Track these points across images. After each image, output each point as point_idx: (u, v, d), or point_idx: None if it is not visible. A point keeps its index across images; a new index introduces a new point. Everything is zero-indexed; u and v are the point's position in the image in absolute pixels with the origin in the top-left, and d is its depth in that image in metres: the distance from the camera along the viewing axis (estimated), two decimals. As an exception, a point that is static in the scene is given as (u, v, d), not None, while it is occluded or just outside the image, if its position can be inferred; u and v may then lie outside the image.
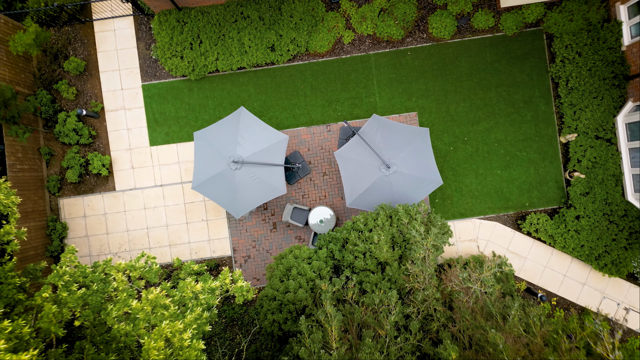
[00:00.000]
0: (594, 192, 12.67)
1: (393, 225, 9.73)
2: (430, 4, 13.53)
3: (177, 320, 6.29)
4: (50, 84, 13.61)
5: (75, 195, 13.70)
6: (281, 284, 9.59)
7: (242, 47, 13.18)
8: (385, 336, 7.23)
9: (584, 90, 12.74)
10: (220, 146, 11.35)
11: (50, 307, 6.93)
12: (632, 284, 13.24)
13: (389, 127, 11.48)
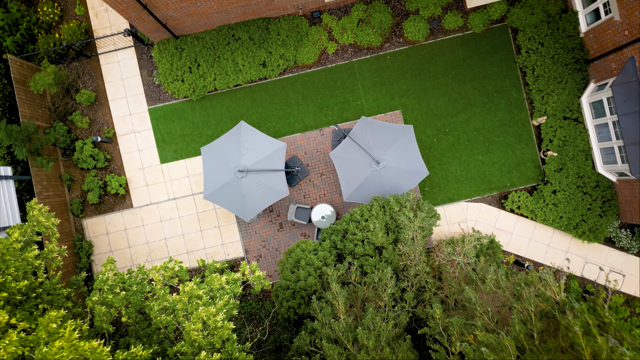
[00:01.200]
0: (566, 167, 13.96)
1: (386, 214, 11.02)
2: (404, 11, 14.83)
3: (210, 306, 7.56)
4: (65, 116, 14.91)
5: (97, 215, 14.98)
6: (292, 275, 10.88)
7: (237, 66, 14.48)
8: (385, 306, 8.49)
9: (549, 77, 14.03)
10: (225, 158, 12.62)
11: (101, 308, 8.19)
12: (610, 248, 14.52)
13: (377, 127, 12.76)
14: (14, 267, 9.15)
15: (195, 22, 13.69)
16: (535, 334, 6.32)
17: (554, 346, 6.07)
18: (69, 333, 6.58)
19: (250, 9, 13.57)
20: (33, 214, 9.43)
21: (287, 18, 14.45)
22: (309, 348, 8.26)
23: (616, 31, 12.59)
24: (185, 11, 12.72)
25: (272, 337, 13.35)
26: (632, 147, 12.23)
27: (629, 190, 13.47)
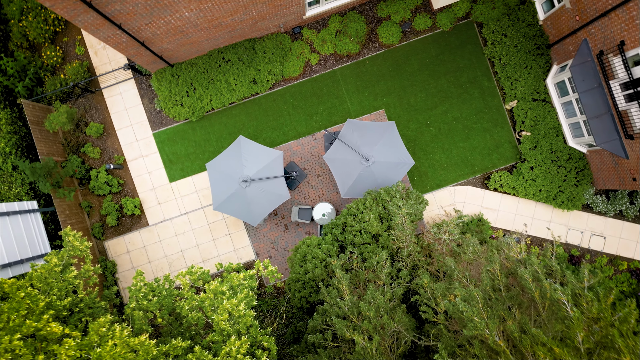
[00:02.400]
0: (540, 144, 15.23)
1: (379, 205, 12.29)
2: (376, 18, 16.11)
3: (233, 298, 8.81)
4: (78, 148, 16.20)
5: (117, 236, 16.26)
6: (301, 268, 12.16)
7: (230, 86, 15.76)
8: (383, 284, 9.73)
9: (515, 64, 15.31)
10: (229, 170, 13.88)
11: (139, 313, 9.46)
12: (589, 214, 15.79)
13: (362, 127, 14.03)
14: (57, 287, 10.44)
15: (187, 51, 14.97)
16: (502, 286, 7.57)
17: (516, 293, 7.31)
18: (119, 332, 7.86)
19: (236, 33, 14.86)
20: (68, 239, 10.70)
21: (270, 37, 15.74)
22: (321, 327, 9.51)
23: (569, 17, 13.87)
24: (178, 42, 14.01)
25: (289, 330, 14.63)
26: (594, 120, 13.50)
27: (598, 159, 14.74)
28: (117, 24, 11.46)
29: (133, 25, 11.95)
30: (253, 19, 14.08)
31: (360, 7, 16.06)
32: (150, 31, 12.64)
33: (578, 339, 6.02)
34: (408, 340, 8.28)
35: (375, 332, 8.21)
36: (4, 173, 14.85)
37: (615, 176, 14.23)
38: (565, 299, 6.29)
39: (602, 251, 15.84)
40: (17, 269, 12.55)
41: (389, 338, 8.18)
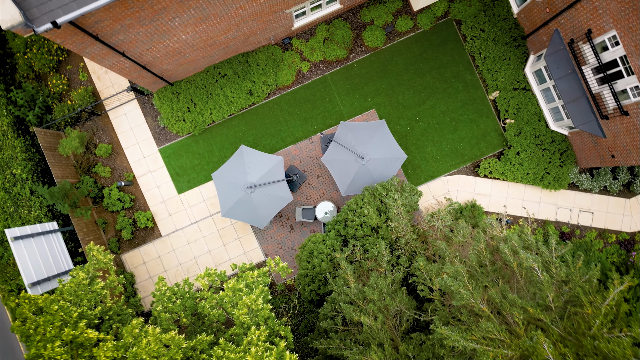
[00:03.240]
0: (524, 130, 16.15)
1: (376, 199, 13.21)
2: (361, 23, 17.02)
3: (250, 294, 9.72)
4: (89, 169, 17.13)
5: (133, 249, 17.19)
6: (308, 264, 13.08)
7: (227, 99, 16.69)
8: (385, 271, 10.63)
9: (494, 56, 16.23)
10: (234, 179, 14.80)
11: (165, 315, 10.37)
12: (576, 192, 16.70)
13: (355, 128, 14.94)
14: (87, 299, 11.38)
15: (185, 69, 15.90)
16: (487, 262, 8.46)
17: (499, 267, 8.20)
18: (152, 330, 8.78)
19: (230, 49, 15.78)
20: (92, 254, 11.63)
21: (262, 49, 16.66)
22: (331, 313, 10.41)
23: (540, 9, 14.78)
24: (177, 62, 14.93)
25: (302, 323, 15.58)
26: (571, 104, 14.42)
27: (579, 140, 15.66)
28: (121, 52, 12.38)
29: (135, 51, 12.87)
30: (245, 35, 15.00)
31: (345, 15, 16.97)
32: (151, 55, 13.56)
33: (549, 298, 6.91)
34: (410, 318, 9.19)
35: (379, 313, 9.12)
36: (22, 198, 15.78)
37: (596, 154, 15.15)
38: (537, 266, 7.18)
39: (591, 226, 16.75)
40: (45, 286, 13.48)
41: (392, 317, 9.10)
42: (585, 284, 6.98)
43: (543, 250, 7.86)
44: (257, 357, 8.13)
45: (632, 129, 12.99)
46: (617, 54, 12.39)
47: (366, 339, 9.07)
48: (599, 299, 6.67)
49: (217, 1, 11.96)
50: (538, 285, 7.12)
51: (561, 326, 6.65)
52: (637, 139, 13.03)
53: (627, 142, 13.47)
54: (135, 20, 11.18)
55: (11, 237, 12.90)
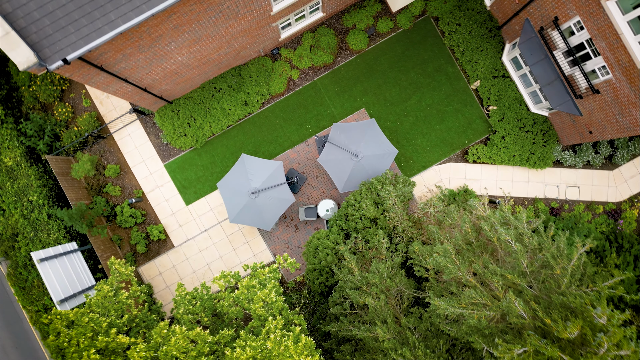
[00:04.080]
0: (507, 115, 17.08)
1: (372, 193, 14.14)
2: (344, 28, 17.96)
3: (264, 289, 10.64)
4: (100, 189, 18.07)
5: (148, 261, 18.13)
6: (315, 259, 14.01)
7: (225, 112, 17.63)
8: (385, 258, 11.56)
9: (472, 48, 17.16)
10: (238, 186, 15.72)
11: (187, 317, 11.30)
12: (561, 168, 17.63)
13: (347, 128, 15.87)
14: (114, 309, 12.32)
15: (183, 87, 16.84)
16: (473, 239, 9.37)
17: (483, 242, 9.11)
18: (179, 329, 9.71)
19: (223, 64, 16.71)
20: (115, 267, 12.57)
21: (253, 62, 17.60)
22: (340, 300, 11.32)
23: (510, 1, 15.70)
24: (175, 82, 15.88)
25: (315, 316, 16.49)
26: (547, 87, 15.35)
27: (559, 119, 16.59)
28: (123, 78, 13.32)
29: (136, 76, 13.81)
30: (236, 50, 15.94)
31: (328, 22, 17.91)
32: (151, 78, 14.50)
33: (523, 265, 7.80)
34: (410, 297, 10.10)
35: (382, 294, 10.04)
36: (41, 222, 16.73)
37: (575, 132, 16.07)
38: (510, 239, 8.07)
39: (579, 200, 17.68)
40: (72, 302, 14.41)
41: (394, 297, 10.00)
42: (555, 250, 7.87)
43: (517, 225, 8.75)
44: (276, 342, 9.04)
45: (605, 105, 13.91)
46: (583, 38, 13.31)
47: (372, 319, 10.00)
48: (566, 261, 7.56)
49: (208, 23, 12.89)
50: (514, 255, 8.03)
51: (536, 288, 7.54)
52: (611, 114, 13.95)
53: (602, 118, 14.39)
54: (135, 49, 12.11)
55: (37, 259, 13.84)
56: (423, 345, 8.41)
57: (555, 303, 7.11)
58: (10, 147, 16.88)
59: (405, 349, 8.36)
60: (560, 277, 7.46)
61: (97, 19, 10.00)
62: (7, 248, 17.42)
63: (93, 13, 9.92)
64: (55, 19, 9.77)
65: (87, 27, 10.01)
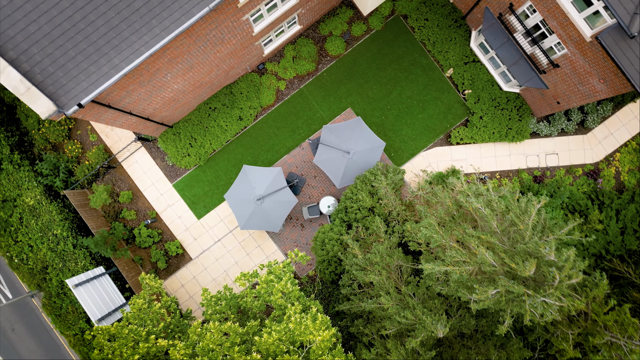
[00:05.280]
0: (482, 97, 18.43)
1: (367, 184, 15.49)
2: (321, 37, 19.31)
3: (281, 281, 11.99)
4: (117, 216, 19.43)
5: (170, 276, 19.48)
6: (322, 251, 15.37)
7: (222, 128, 18.98)
8: (383, 240, 12.90)
9: (442, 40, 18.50)
10: (244, 195, 17.06)
11: (215, 316, 12.65)
12: (539, 139, 18.97)
13: (336, 129, 17.21)
14: (149, 319, 13.68)
15: (181, 111, 18.19)
16: (455, 212, 10.70)
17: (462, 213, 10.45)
18: (212, 324, 11.07)
19: (215, 85, 18.07)
20: (146, 282, 13.94)
21: (242, 79, 18.95)
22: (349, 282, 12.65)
23: (470, -8, 17.05)
24: (173, 108, 17.23)
25: (330, 305, 17.84)
26: (513, 66, 16.69)
27: (529, 94, 17.94)
28: (128, 112, 14.68)
29: (139, 108, 15.17)
30: (225, 71, 17.29)
31: (306, 32, 19.25)
32: (152, 108, 15.86)
33: (494, 226, 9.13)
34: (408, 269, 11.43)
35: (383, 270, 11.38)
36: (67, 253, 18.10)
37: (545, 104, 17.43)
38: (480, 206, 9.39)
39: (558, 165, 19.03)
40: (109, 319, 15.78)
41: (394, 272, 11.34)
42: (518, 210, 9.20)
43: (486, 194, 10.08)
44: (297, 323, 10.37)
45: (566, 77, 15.26)
46: (537, 19, 14.67)
47: (377, 293, 11.34)
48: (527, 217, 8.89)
49: (198, 52, 14.25)
50: (485, 218, 9.34)
51: (506, 242, 8.84)
52: (572, 84, 15.30)
53: (565, 89, 15.75)
54: (137, 85, 13.47)
55: (72, 285, 15.20)
56: (421, 306, 9.74)
57: (519, 251, 8.44)
58: (30, 188, 18.24)
59: (407, 312, 9.69)
60: (524, 231, 8.79)
61: (103, 65, 11.36)
62: (39, 281, 18.79)
63: (99, 60, 11.28)
64: (67, 70, 11.13)
65: (96, 74, 11.37)
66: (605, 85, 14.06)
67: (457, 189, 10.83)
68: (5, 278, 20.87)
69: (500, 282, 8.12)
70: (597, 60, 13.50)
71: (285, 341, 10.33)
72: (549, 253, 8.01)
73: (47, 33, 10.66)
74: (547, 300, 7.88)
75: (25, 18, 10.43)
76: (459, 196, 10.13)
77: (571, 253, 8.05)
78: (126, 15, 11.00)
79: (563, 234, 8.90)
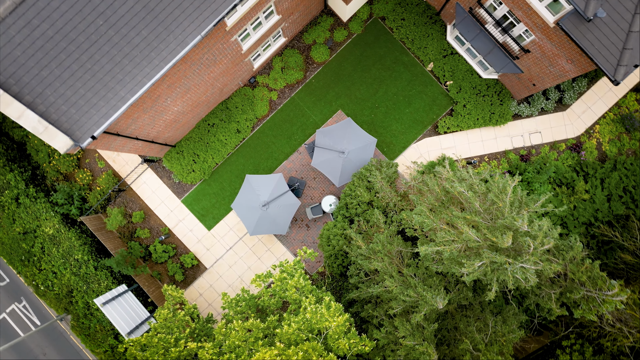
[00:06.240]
0: (463, 86, 19.49)
1: (363, 180, 16.57)
2: (306, 46, 20.38)
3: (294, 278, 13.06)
4: (132, 235, 20.50)
5: (188, 287, 20.55)
6: (329, 247, 16.44)
7: (222, 142, 20.06)
8: (383, 230, 13.96)
9: (420, 36, 19.57)
10: (250, 202, 18.12)
11: (237, 317, 13.72)
12: (522, 120, 20.04)
13: (330, 131, 18.28)
14: (175, 326, 14.75)
15: (182, 131, 19.27)
16: (443, 197, 11.75)
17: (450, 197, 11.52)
18: (236, 323, 12.13)
19: (211, 103, 19.14)
20: (169, 293, 15.01)
21: (236, 93, 20.03)
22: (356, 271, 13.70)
23: (440, -10, 18.11)
24: (175, 129, 18.31)
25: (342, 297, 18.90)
26: (489, 55, 17.76)
27: (507, 79, 19.00)
28: (134, 137, 15.75)
29: (143, 133, 16.24)
30: (219, 88, 18.36)
31: (291, 43, 20.32)
32: (155, 131, 16.93)
33: (476, 206, 10.18)
34: (408, 254, 12.51)
35: (385, 257, 12.46)
36: (90, 275, 19.17)
37: (523, 87, 18.49)
38: (464, 189, 10.44)
39: (543, 143, 20.09)
40: (136, 333, 16.85)
41: (395, 257, 12.40)
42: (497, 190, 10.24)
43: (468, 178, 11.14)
44: (313, 312, 11.43)
45: (537, 61, 16.33)
46: (504, 10, 15.73)
47: (382, 278, 12.41)
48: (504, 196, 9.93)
49: (193, 75, 15.32)
50: (469, 200, 10.39)
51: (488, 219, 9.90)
52: (544, 66, 16.36)
53: (538, 71, 16.81)
54: (141, 112, 14.55)
55: (99, 304, 16.27)
56: (422, 284, 10.79)
57: (498, 226, 9.48)
58: (48, 218, 19.31)
59: (410, 291, 10.74)
60: (502, 208, 9.83)
61: (111, 99, 12.43)
62: (66, 304, 19.87)
63: (107, 95, 12.35)
64: (79, 107, 12.20)
65: (105, 107, 12.44)
66: (573, 65, 15.12)
67: (444, 177, 11.87)
68: (32, 306, 21.94)
69: (485, 255, 9.17)
70: (563, 43, 14.56)
71: (304, 330, 11.38)
72: (522, 225, 9.05)
73: (58, 76, 11.74)
74: (524, 265, 8.94)
75: (38, 64, 11.49)
76: (445, 183, 11.19)
77: (543, 223, 9.11)
78: (127, 52, 12.07)
79: (538, 206, 9.94)
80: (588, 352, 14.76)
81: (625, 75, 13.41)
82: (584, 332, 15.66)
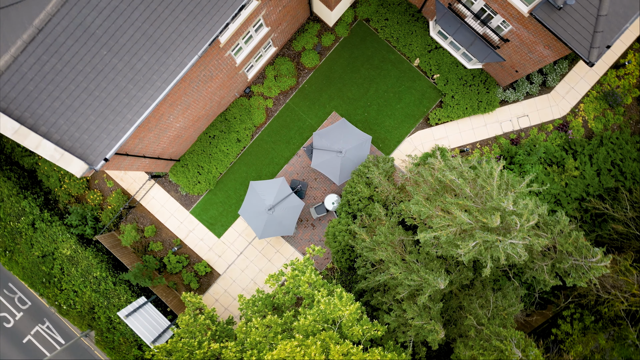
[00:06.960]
0: (449, 79, 20.31)
1: (362, 177, 17.40)
2: (296, 53, 21.20)
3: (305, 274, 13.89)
4: (145, 249, 21.33)
5: (203, 293, 21.37)
6: (335, 243, 17.27)
7: (224, 153, 20.88)
8: (385, 222, 14.79)
9: (404, 34, 20.39)
10: (256, 208, 18.94)
11: (256, 315, 14.56)
12: (509, 105, 20.86)
13: (326, 133, 19.10)
14: (197, 330, 15.58)
15: (185, 145, 20.10)
16: (438, 187, 12.58)
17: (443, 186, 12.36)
18: (255, 320, 12.97)
19: (210, 116, 19.97)
20: (188, 299, 15.83)
21: (233, 104, 20.85)
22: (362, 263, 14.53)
23: (419, -11, 18.93)
24: (178, 144, 19.14)
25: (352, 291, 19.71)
26: (471, 47, 18.58)
27: (491, 68, 19.82)
28: (142, 155, 16.58)
29: (149, 150, 17.07)
30: (217, 101, 19.19)
31: (282, 52, 21.15)
32: (160, 147, 17.76)
33: (467, 192, 11.01)
34: (410, 242, 13.35)
35: (388, 246, 13.30)
36: (110, 291, 20.00)
37: (506, 74, 19.31)
38: (455, 177, 11.26)
39: (531, 125, 20.91)
40: (160, 341, 17.68)
41: (398, 246, 13.24)
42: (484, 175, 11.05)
43: (458, 166, 11.97)
44: (326, 304, 12.26)
45: (517, 49, 17.14)
46: (481, 4, 16.55)
47: (387, 267, 13.26)
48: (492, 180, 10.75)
49: (192, 91, 16.14)
50: (460, 187, 11.21)
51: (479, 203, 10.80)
52: (524, 54, 17.18)
53: (519, 59, 17.63)
54: (146, 131, 15.37)
55: (123, 316, 17.10)
56: (424, 269, 11.62)
57: (488, 208, 10.30)
58: (64, 240, 20.14)
59: (414, 275, 11.58)
60: (491, 191, 10.64)
61: (119, 122, 13.26)
62: (89, 320, 20.70)
63: (115, 119, 13.17)
64: (91, 132, 13.03)
65: (114, 130, 13.27)
66: (551, 50, 15.94)
67: (437, 167, 12.70)
68: (55, 326, 22.75)
69: (477, 235, 9.98)
70: (538, 31, 15.39)
71: (319, 321, 12.20)
72: (508, 205, 9.87)
73: (69, 105, 12.57)
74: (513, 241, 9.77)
75: (50, 97, 12.32)
76: (438, 173, 12.01)
77: (528, 201, 9.94)
78: (131, 77, 12.90)
79: (523, 187, 10.77)
80: (588, 319, 15.63)
81: (598, 57, 14.22)
82: (582, 302, 16.51)
